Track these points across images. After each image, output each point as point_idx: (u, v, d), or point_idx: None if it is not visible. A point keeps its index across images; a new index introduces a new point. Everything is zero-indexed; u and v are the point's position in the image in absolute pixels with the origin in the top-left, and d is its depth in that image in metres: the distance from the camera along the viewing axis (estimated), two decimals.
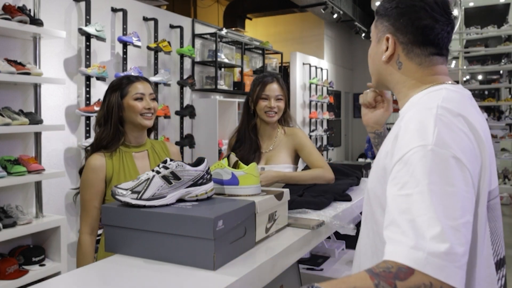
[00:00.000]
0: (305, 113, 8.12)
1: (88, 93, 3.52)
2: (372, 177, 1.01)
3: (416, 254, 0.71)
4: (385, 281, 0.70)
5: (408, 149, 0.83)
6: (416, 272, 0.70)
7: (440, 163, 0.79)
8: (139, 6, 4.31)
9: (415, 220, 0.75)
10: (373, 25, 1.09)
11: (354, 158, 10.56)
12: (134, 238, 1.12)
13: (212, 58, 5.16)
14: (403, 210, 0.77)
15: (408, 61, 1.02)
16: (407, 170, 0.81)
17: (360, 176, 2.18)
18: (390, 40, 1.02)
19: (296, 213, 1.52)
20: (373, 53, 1.09)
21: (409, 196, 0.78)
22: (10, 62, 2.79)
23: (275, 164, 2.02)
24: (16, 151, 3.03)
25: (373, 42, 1.09)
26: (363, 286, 0.70)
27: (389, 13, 1.02)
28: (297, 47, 8.76)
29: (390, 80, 1.07)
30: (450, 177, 0.78)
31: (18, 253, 2.85)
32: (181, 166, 1.19)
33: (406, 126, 0.88)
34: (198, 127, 5.02)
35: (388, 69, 1.05)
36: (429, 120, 0.85)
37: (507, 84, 7.53)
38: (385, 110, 1.36)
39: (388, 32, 1.02)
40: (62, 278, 1.11)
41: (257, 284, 1.06)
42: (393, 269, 0.71)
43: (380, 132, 1.36)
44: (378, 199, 0.96)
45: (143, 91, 1.79)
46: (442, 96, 0.92)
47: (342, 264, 1.98)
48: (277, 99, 2.03)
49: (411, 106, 0.98)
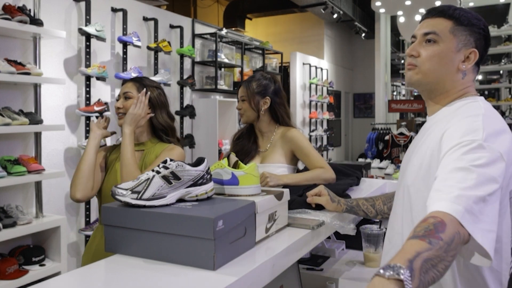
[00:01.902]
0: (305, 113, 8.12)
1: (88, 93, 3.52)
2: (412, 175, 1.15)
3: (456, 207, 0.87)
4: (432, 237, 0.81)
5: (460, 141, 0.99)
6: (448, 222, 0.84)
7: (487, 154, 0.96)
8: (139, 6, 4.31)
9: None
10: (450, 29, 1.16)
11: (354, 158, 10.56)
12: (134, 238, 1.12)
13: (212, 58, 5.16)
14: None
15: (470, 74, 1.19)
16: (460, 153, 0.97)
17: (360, 176, 2.18)
18: (475, 55, 1.16)
19: (296, 213, 1.52)
20: (446, 58, 1.16)
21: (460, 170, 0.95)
22: (10, 62, 2.79)
23: (269, 163, 2.02)
24: (16, 151, 3.03)
25: (447, 46, 1.16)
26: (422, 248, 0.79)
27: (474, 29, 1.16)
28: (297, 47, 8.76)
29: (448, 85, 1.18)
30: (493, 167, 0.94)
31: (18, 253, 2.85)
32: (181, 166, 1.19)
33: (455, 130, 1.04)
34: (198, 127, 5.02)
35: (456, 76, 1.17)
36: (478, 124, 1.02)
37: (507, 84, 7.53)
38: (325, 205, 1.55)
39: (472, 46, 1.16)
40: (62, 278, 1.11)
41: (257, 284, 1.06)
42: (431, 226, 0.83)
43: (348, 209, 1.54)
44: (421, 193, 1.09)
45: (120, 91, 1.85)
46: (482, 106, 1.11)
47: (342, 264, 1.97)
48: (241, 100, 2.10)
49: (451, 113, 1.14)
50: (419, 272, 0.75)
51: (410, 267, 0.75)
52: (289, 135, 2.03)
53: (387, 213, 1.51)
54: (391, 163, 5.44)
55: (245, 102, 2.08)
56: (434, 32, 1.16)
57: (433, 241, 0.81)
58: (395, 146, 5.62)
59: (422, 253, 0.78)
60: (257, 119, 2.09)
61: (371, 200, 1.54)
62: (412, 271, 0.75)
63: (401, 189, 1.21)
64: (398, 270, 0.73)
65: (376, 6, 7.57)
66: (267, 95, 2.07)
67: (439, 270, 0.80)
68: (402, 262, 0.75)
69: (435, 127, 1.13)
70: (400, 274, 0.72)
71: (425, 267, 0.77)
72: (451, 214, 0.86)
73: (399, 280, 0.72)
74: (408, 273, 0.73)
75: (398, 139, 5.60)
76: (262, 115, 2.08)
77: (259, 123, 2.10)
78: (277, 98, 2.10)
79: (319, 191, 1.56)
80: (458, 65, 1.16)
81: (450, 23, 1.16)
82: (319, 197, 1.55)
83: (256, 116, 2.08)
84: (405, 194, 1.18)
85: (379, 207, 1.52)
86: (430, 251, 0.79)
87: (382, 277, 0.72)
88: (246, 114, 2.08)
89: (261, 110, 2.07)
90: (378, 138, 5.92)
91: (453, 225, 0.85)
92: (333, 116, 9.06)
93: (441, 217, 0.86)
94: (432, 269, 0.78)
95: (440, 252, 0.80)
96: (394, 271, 0.72)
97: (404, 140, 5.56)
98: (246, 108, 2.08)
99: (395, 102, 7.29)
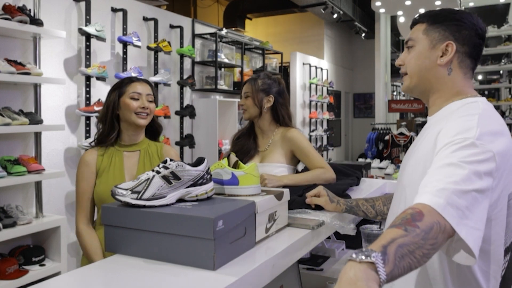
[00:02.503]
0: (305, 113, 8.12)
1: (88, 93, 3.52)
2: (408, 176, 1.16)
3: (437, 200, 0.87)
4: (408, 225, 0.82)
5: (453, 139, 0.99)
6: (427, 213, 0.84)
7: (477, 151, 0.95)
8: (139, 6, 4.31)
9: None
10: (422, 31, 1.20)
11: (354, 158, 10.56)
12: (134, 238, 1.12)
13: (212, 58, 5.16)
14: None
15: (458, 69, 1.17)
16: (450, 151, 0.97)
17: (360, 176, 2.18)
18: (452, 47, 1.15)
19: (296, 213, 1.52)
20: (422, 57, 1.19)
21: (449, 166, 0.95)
22: (10, 62, 2.79)
23: (268, 163, 2.03)
24: (16, 151, 3.03)
25: (421, 46, 1.19)
26: (397, 235, 0.80)
27: (449, 23, 1.16)
28: (297, 47, 8.75)
29: (435, 83, 1.18)
30: (483, 167, 0.93)
31: (18, 253, 2.85)
32: (181, 166, 1.19)
33: (449, 128, 1.04)
34: (198, 127, 5.02)
35: (439, 72, 1.17)
36: (473, 123, 1.01)
37: (507, 84, 7.53)
38: (324, 206, 1.55)
39: (448, 40, 1.15)
40: (62, 278, 1.11)
41: (257, 284, 1.06)
42: (408, 215, 0.84)
43: (347, 209, 1.54)
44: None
45: (140, 91, 1.83)
46: (481, 107, 1.09)
47: (342, 264, 1.97)
48: (245, 97, 2.11)
49: (449, 113, 1.12)
50: (393, 257, 0.75)
51: (383, 252, 0.75)
52: (289, 135, 2.04)
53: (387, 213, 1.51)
54: (391, 163, 5.44)
55: (249, 98, 2.10)
56: (410, 38, 1.22)
57: (409, 228, 0.81)
58: (395, 146, 5.62)
59: (397, 239, 0.79)
60: (259, 116, 2.11)
61: (371, 201, 1.54)
62: (386, 255, 0.75)
63: (399, 189, 1.22)
64: (369, 253, 0.73)
65: (376, 6, 7.57)
66: (271, 93, 2.10)
67: (416, 257, 0.79)
68: (375, 248, 0.76)
69: (433, 128, 1.13)
70: (372, 256, 0.72)
71: (401, 252, 0.77)
72: (430, 205, 0.86)
73: (370, 262, 0.72)
74: (380, 256, 0.73)
75: (398, 139, 5.60)
76: (264, 113, 2.10)
77: (260, 121, 2.12)
78: (280, 98, 2.12)
79: (318, 192, 1.57)
80: (437, 61, 1.16)
81: (424, 25, 1.20)
82: (318, 198, 1.55)
83: (258, 113, 2.10)
84: (402, 195, 1.18)
85: (379, 208, 1.52)
86: (405, 237, 0.79)
87: (354, 261, 0.72)
88: (248, 110, 2.10)
89: (263, 107, 2.09)
90: (378, 138, 5.92)
91: (432, 215, 0.84)
92: (333, 116, 9.06)
93: (420, 208, 0.86)
94: (408, 255, 0.78)
95: (417, 239, 0.80)
96: (365, 255, 0.73)
97: (404, 140, 5.56)
98: (250, 104, 2.10)
99: (395, 102, 7.29)
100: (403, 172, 1.22)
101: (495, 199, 0.99)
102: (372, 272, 0.71)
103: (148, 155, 1.86)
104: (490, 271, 1.05)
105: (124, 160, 1.83)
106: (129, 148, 1.85)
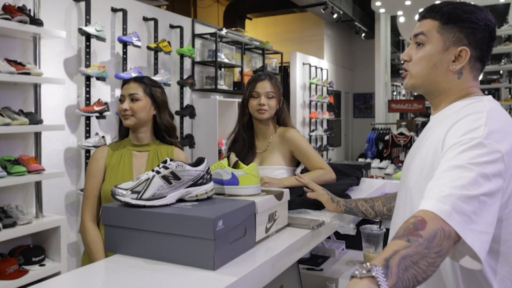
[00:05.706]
0: (305, 113, 8.12)
1: (88, 93, 3.52)
2: (414, 176, 1.12)
3: (442, 206, 0.85)
4: (411, 235, 0.81)
5: (460, 139, 0.96)
6: (429, 220, 0.83)
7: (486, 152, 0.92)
8: (139, 6, 4.31)
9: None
10: (437, 29, 1.11)
11: (354, 158, 10.56)
12: (134, 238, 1.12)
13: (212, 58, 5.16)
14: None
15: (468, 73, 1.12)
16: (458, 152, 0.94)
17: (360, 176, 2.18)
18: (466, 54, 1.09)
19: (296, 213, 1.52)
20: (434, 60, 1.12)
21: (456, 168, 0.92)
22: (10, 62, 2.79)
23: (268, 165, 2.00)
24: (16, 151, 3.03)
25: (433, 46, 1.12)
26: (400, 246, 0.79)
27: (464, 25, 1.09)
28: (297, 47, 8.75)
29: (443, 86, 1.13)
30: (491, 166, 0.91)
31: (18, 253, 2.85)
32: (181, 166, 1.19)
33: (457, 128, 1.01)
34: (198, 127, 5.02)
35: (449, 77, 1.12)
36: (481, 121, 0.98)
37: (507, 84, 7.53)
38: (325, 204, 1.55)
39: (462, 44, 1.09)
40: (62, 278, 1.11)
41: (257, 284, 1.06)
42: (410, 225, 0.83)
43: (347, 210, 1.54)
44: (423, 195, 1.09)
45: (124, 92, 1.85)
46: (487, 105, 1.05)
47: (342, 264, 1.97)
48: (268, 96, 2.00)
49: (453, 112, 1.08)
50: (396, 269, 0.75)
51: (385, 265, 0.75)
52: (288, 135, 2.01)
53: (387, 214, 1.50)
54: (391, 163, 5.44)
55: (274, 99, 2.02)
56: (422, 33, 1.13)
57: (411, 239, 0.80)
58: (395, 146, 5.62)
59: (399, 251, 0.78)
60: (273, 117, 2.07)
61: (371, 201, 1.53)
62: (388, 268, 0.74)
63: (403, 190, 1.19)
64: (370, 267, 0.73)
65: (376, 6, 7.57)
66: (281, 94, 2.10)
67: (420, 267, 0.78)
68: (377, 262, 0.76)
69: (438, 126, 1.09)
70: (372, 271, 0.72)
71: (404, 264, 0.76)
72: (434, 212, 0.85)
73: (371, 277, 0.72)
74: (381, 269, 0.73)
75: (398, 139, 5.60)
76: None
77: (266, 121, 2.06)
78: (283, 98, 2.12)
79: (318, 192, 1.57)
80: (449, 66, 1.10)
81: (437, 23, 1.12)
82: (320, 194, 1.54)
83: (274, 114, 2.06)
84: (407, 196, 1.15)
85: (378, 209, 1.52)
86: (408, 248, 0.79)
87: (356, 277, 0.73)
88: (270, 111, 2.01)
89: (278, 108, 2.07)
90: (378, 138, 5.93)
91: (435, 222, 0.83)
92: (333, 116, 9.06)
93: (422, 215, 0.85)
94: (412, 266, 0.77)
95: (420, 249, 0.79)
96: (366, 270, 0.73)
97: (404, 140, 5.56)
98: (273, 105, 2.02)
99: (395, 102, 7.29)
100: (407, 172, 1.17)
101: (505, 199, 0.97)
102: (374, 286, 0.71)
103: (157, 156, 1.86)
104: (503, 272, 1.02)
105: (133, 159, 1.84)
106: (138, 148, 1.87)
